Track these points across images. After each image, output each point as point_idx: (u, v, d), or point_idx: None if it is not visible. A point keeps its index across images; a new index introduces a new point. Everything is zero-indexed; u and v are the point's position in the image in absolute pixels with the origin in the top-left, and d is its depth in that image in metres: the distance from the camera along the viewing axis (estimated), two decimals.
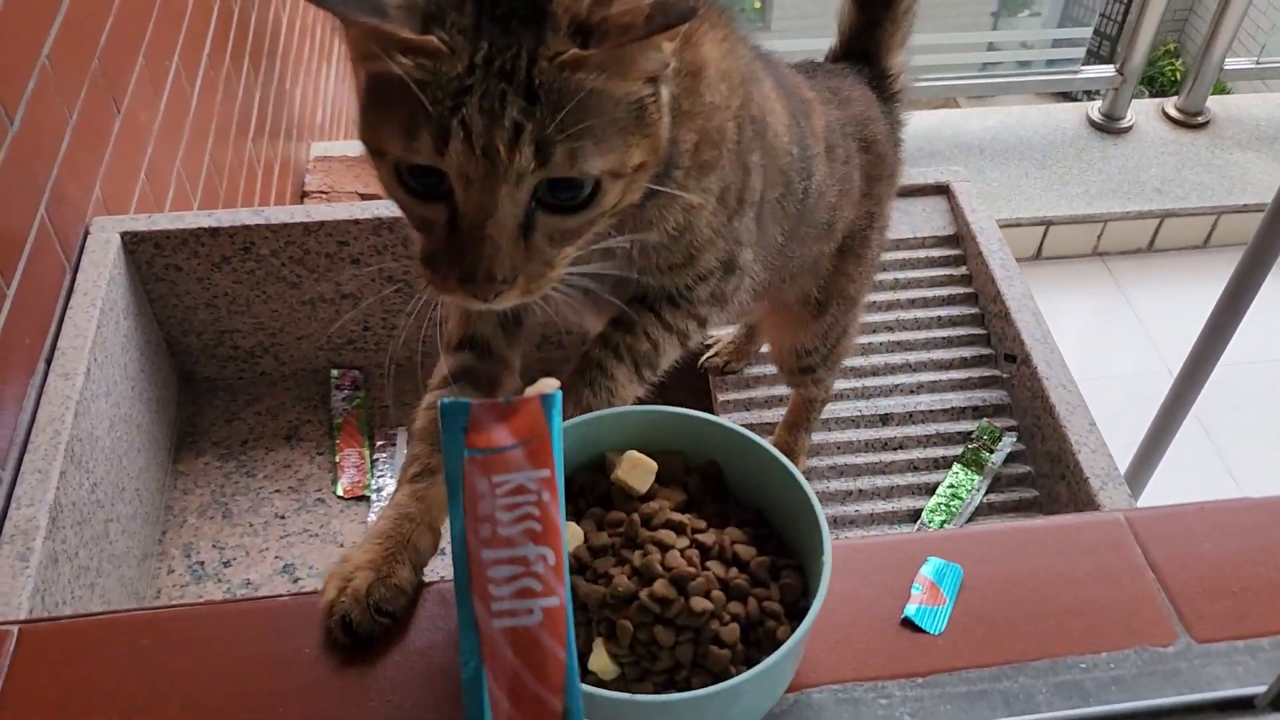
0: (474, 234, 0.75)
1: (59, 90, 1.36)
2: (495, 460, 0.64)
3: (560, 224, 0.78)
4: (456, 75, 0.73)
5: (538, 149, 0.73)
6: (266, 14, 2.41)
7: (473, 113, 0.73)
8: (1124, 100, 3.37)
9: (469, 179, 0.74)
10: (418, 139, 0.74)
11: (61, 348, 1.35)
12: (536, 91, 0.73)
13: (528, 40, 0.74)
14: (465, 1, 0.75)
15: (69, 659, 0.71)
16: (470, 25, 0.74)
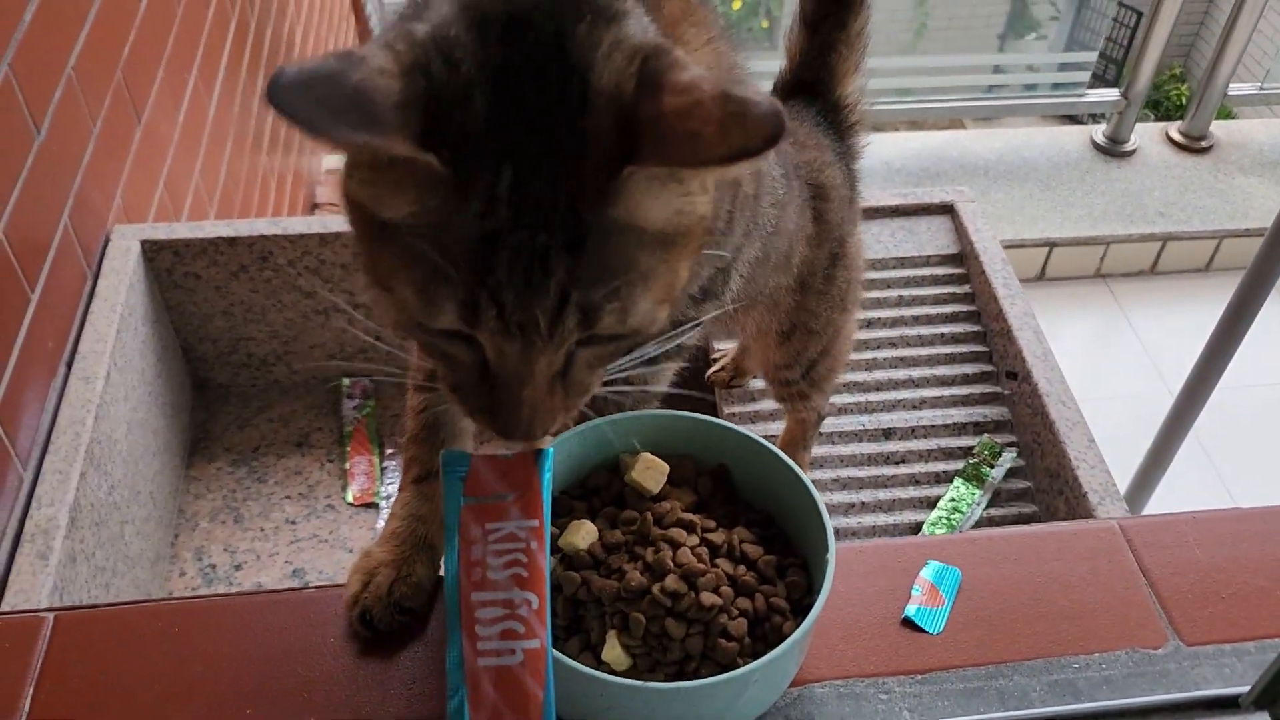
0: (510, 397, 0.64)
1: (84, 100, 1.39)
2: (489, 508, 0.67)
3: (600, 351, 0.67)
4: (473, 217, 0.58)
5: (584, 314, 0.61)
6: (281, 28, 2.45)
7: (504, 281, 0.59)
8: (1128, 124, 3.40)
9: (503, 351, 0.62)
10: (438, 305, 0.60)
11: (82, 352, 1.37)
12: (583, 237, 0.59)
13: (564, 157, 0.59)
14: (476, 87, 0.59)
15: (102, 645, 0.74)
16: (483, 129, 0.58)
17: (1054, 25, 6.69)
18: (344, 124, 0.54)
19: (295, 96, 0.54)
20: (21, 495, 1.23)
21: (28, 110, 1.24)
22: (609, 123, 0.59)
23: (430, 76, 0.58)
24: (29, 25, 1.24)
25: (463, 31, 0.60)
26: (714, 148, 0.57)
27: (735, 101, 0.56)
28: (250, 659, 0.74)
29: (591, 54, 0.60)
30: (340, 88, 0.55)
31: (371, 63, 0.57)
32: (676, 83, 0.59)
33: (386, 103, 0.56)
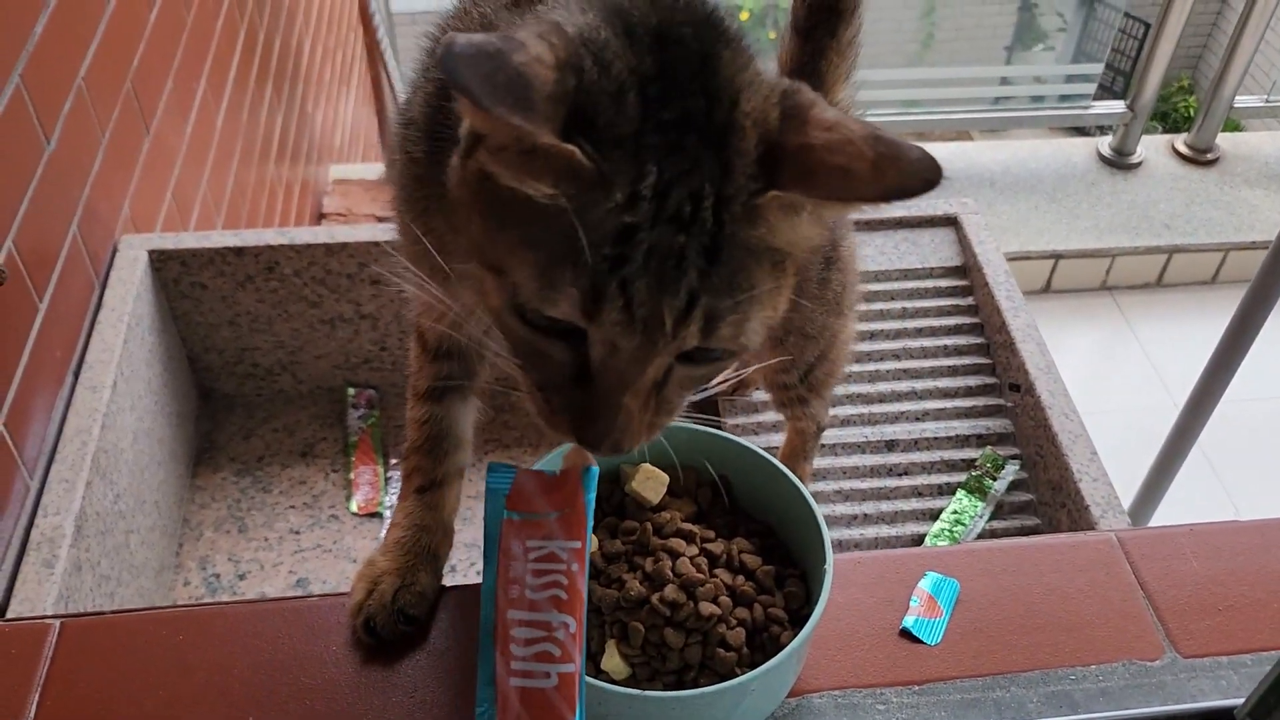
0: (608, 401, 0.62)
1: (94, 111, 1.40)
2: (532, 525, 0.67)
3: (694, 372, 0.66)
4: (614, 209, 0.58)
5: (706, 322, 0.60)
6: (290, 39, 2.46)
7: (637, 274, 0.58)
8: (1134, 136, 3.41)
9: (617, 347, 0.61)
10: (558, 290, 0.59)
11: (89, 361, 1.38)
12: (720, 248, 0.59)
13: (710, 169, 0.59)
14: (627, 91, 0.60)
15: (108, 652, 0.74)
16: (631, 131, 0.59)
17: (1061, 37, 6.69)
18: (504, 103, 0.55)
19: (464, 66, 0.54)
20: (28, 504, 1.23)
21: (38, 121, 1.25)
22: (753, 146, 0.60)
23: (582, 74, 0.59)
24: (40, 36, 1.25)
25: (612, 36, 0.61)
26: (867, 185, 0.58)
27: (886, 143, 0.58)
28: (254, 667, 0.74)
29: (738, 79, 0.62)
30: (504, 66, 0.56)
31: (531, 48, 0.57)
32: (822, 119, 0.60)
33: (542, 91, 0.57)
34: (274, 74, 2.30)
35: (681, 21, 0.63)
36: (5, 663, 0.74)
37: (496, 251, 0.62)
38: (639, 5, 0.63)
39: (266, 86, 2.24)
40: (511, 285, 0.61)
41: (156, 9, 1.63)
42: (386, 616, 0.78)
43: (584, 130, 0.58)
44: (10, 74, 1.19)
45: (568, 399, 0.64)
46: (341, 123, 3.00)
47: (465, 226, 0.64)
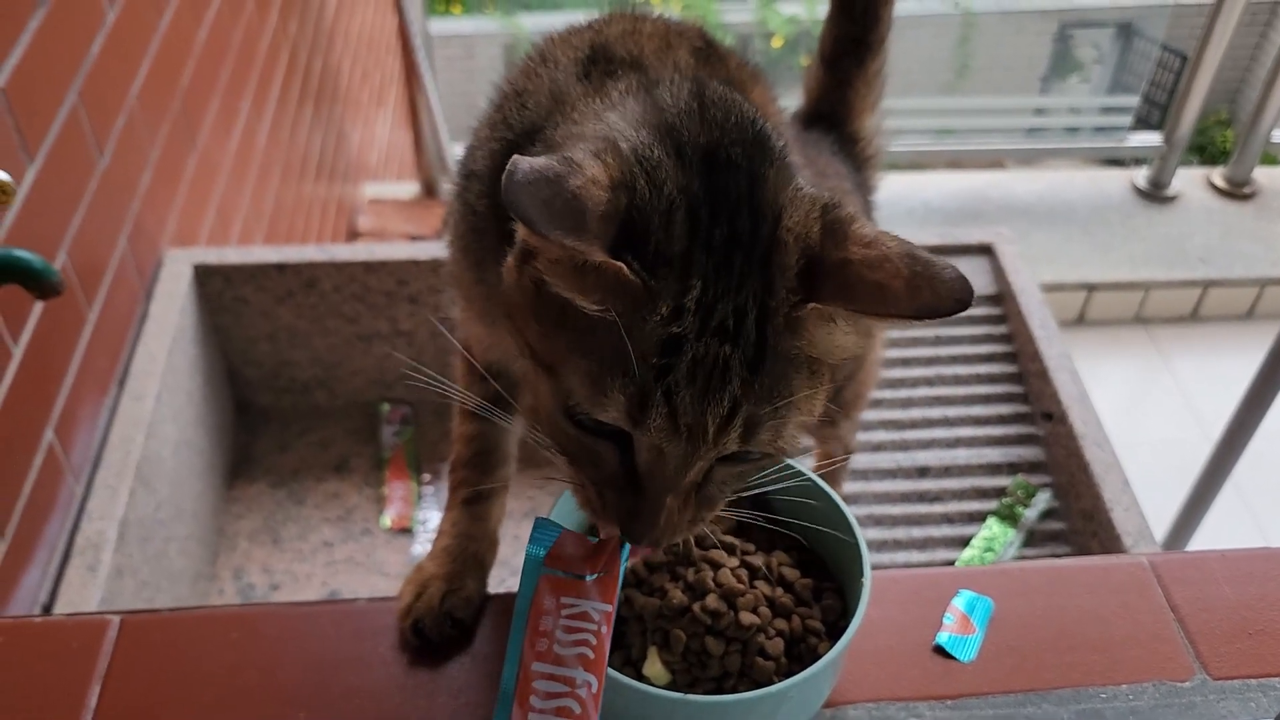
0: (653, 502, 0.65)
1: (144, 127, 1.44)
2: (569, 584, 0.69)
3: (734, 470, 0.68)
4: (660, 321, 0.61)
5: (746, 429, 0.63)
6: (330, 60, 2.50)
7: (682, 383, 0.61)
8: (1170, 168, 3.40)
9: (661, 452, 0.63)
10: (607, 396, 0.62)
11: (134, 372, 1.41)
12: (763, 358, 0.62)
13: (753, 284, 0.62)
14: (677, 210, 0.62)
15: (165, 648, 0.77)
16: (680, 249, 0.62)
17: (1097, 69, 6.70)
18: (559, 228, 0.58)
19: (524, 194, 0.57)
20: (73, 509, 1.26)
21: (93, 137, 1.29)
22: (795, 260, 0.63)
23: (634, 194, 0.62)
24: (96, 57, 1.29)
25: (664, 156, 0.64)
26: (901, 302, 0.60)
27: (921, 262, 0.61)
28: (303, 666, 0.76)
29: (780, 197, 0.65)
30: (560, 192, 0.59)
31: (586, 171, 0.60)
32: (861, 235, 0.63)
33: (595, 212, 0.60)
34: (315, 94, 2.35)
35: (731, 142, 0.65)
36: (68, 656, 0.76)
37: (551, 354, 0.65)
38: (690, 125, 0.66)
39: (307, 106, 2.28)
40: (565, 388, 0.64)
41: (206, 29, 1.67)
42: (434, 619, 0.80)
43: (634, 247, 0.61)
44: (68, 91, 1.23)
45: (614, 496, 0.66)
46: (377, 142, 3.04)
47: (522, 326, 0.67)
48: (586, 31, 0.80)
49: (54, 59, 1.20)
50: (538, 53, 0.81)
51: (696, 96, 0.68)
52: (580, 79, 0.74)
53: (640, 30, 0.79)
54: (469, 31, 6.00)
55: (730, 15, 6.11)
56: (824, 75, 1.23)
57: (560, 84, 0.75)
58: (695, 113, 0.66)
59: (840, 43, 1.19)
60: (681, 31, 0.81)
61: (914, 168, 3.77)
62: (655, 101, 0.68)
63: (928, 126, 3.88)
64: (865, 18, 1.17)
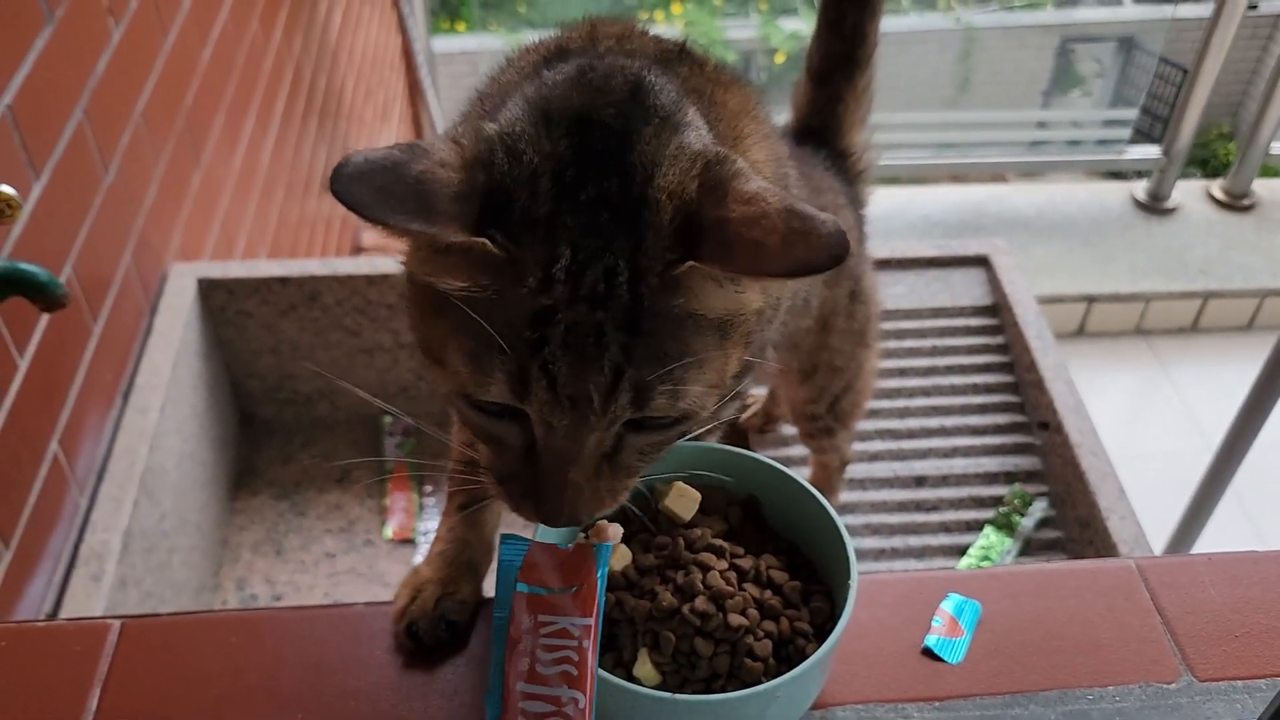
0: (553, 478, 0.64)
1: (150, 143, 1.46)
2: (544, 600, 0.68)
3: (649, 439, 0.67)
4: (528, 293, 0.60)
5: (636, 393, 0.61)
6: (334, 78, 2.53)
7: (558, 354, 0.60)
8: (1170, 181, 3.41)
9: (551, 425, 0.62)
10: (489, 375, 0.61)
11: (139, 384, 1.43)
12: (640, 319, 0.60)
13: (623, 244, 0.61)
14: (540, 177, 0.62)
15: (165, 652, 0.78)
16: (544, 215, 0.61)
17: (1099, 82, 6.71)
18: (400, 212, 0.57)
19: (355, 185, 0.57)
20: (77, 520, 1.27)
21: (98, 153, 1.31)
22: (670, 219, 0.61)
23: (491, 169, 0.61)
24: (102, 74, 1.31)
25: (529, 126, 0.63)
26: (776, 260, 0.59)
27: (799, 217, 0.59)
28: (301, 669, 0.78)
29: (657, 154, 0.63)
30: (401, 177, 0.58)
31: (434, 155, 0.60)
32: (742, 191, 0.61)
33: (445, 193, 0.59)
34: (319, 111, 2.37)
35: (605, 105, 0.65)
36: (69, 659, 0.78)
37: (435, 344, 0.64)
38: (560, 92, 0.65)
39: (311, 123, 2.30)
40: (453, 373, 0.63)
41: (211, 47, 1.69)
42: (429, 622, 0.82)
43: (499, 221, 0.60)
44: (74, 108, 1.25)
45: (524, 480, 0.66)
46: None
47: (413, 324, 0.67)
48: (554, 37, 0.80)
49: (60, 76, 1.22)
50: (506, 59, 0.81)
51: (578, 68, 0.67)
52: (529, 77, 0.73)
53: (604, 33, 0.78)
54: (473, 48, 6.02)
55: (733, 31, 6.14)
56: (813, 92, 1.24)
57: (512, 85, 0.74)
58: (571, 80, 0.66)
59: (829, 60, 1.20)
60: (656, 39, 0.80)
61: (916, 182, 3.78)
62: (539, 78, 0.67)
63: (929, 141, 3.89)
64: (854, 35, 1.18)
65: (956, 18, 6.12)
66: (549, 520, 0.66)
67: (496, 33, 6.26)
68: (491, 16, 6.49)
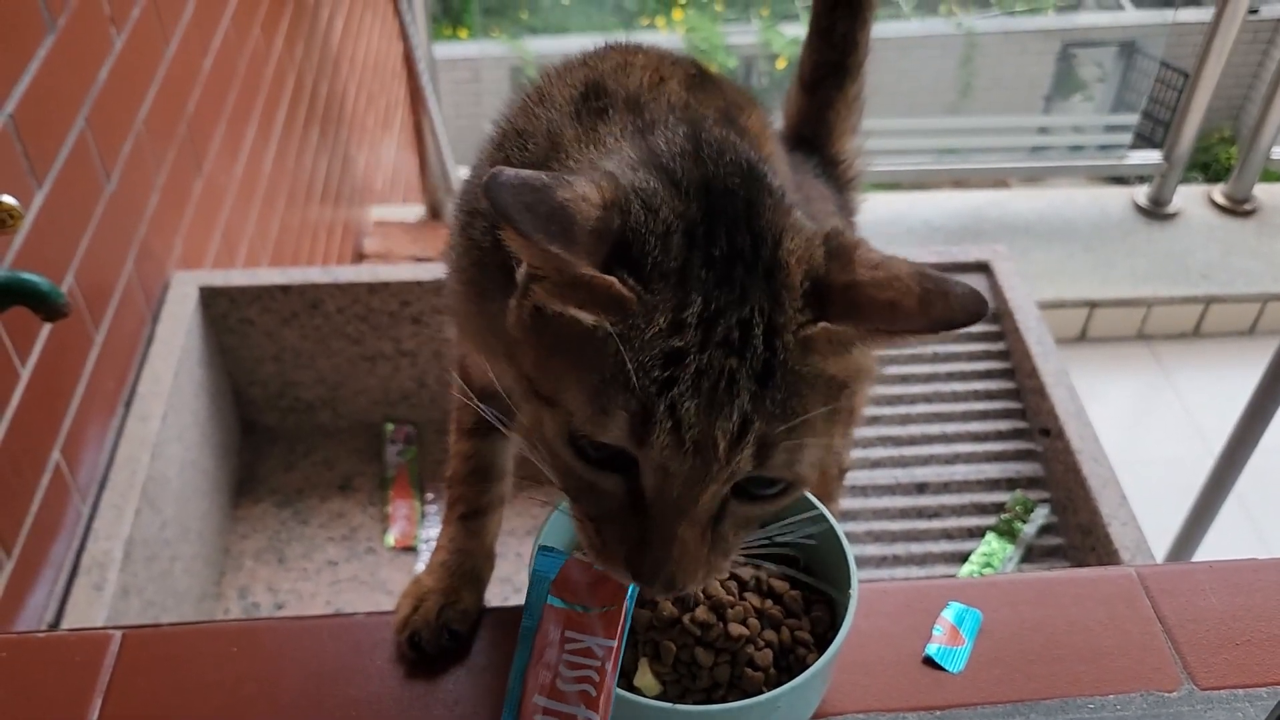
0: (663, 533, 0.61)
1: (151, 152, 1.46)
2: (574, 617, 0.68)
3: (751, 510, 0.66)
4: (659, 334, 0.59)
5: (759, 447, 0.60)
6: (336, 85, 2.53)
7: (687, 395, 0.59)
8: (1171, 186, 3.41)
9: (669, 472, 0.60)
10: (609, 414, 0.60)
11: (140, 393, 1.43)
12: (772, 373, 0.60)
13: (760, 298, 0.61)
14: (673, 233, 0.62)
15: (166, 661, 0.79)
16: (677, 267, 0.61)
17: (1100, 87, 6.72)
18: (543, 231, 0.57)
19: (510, 196, 0.57)
20: (79, 529, 1.28)
21: (100, 162, 1.31)
22: (799, 281, 0.62)
23: (627, 215, 0.61)
24: (104, 83, 1.31)
25: (660, 186, 0.64)
26: (915, 318, 0.60)
27: (933, 280, 0.60)
28: (302, 678, 0.78)
29: (780, 222, 0.64)
30: (547, 200, 0.58)
31: (577, 188, 0.60)
32: (868, 258, 0.62)
33: (585, 225, 0.59)
34: (320, 119, 2.37)
35: (727, 175, 0.66)
36: (70, 669, 0.78)
37: (550, 381, 0.63)
38: (685, 164, 0.66)
39: (313, 131, 2.30)
40: (565, 414, 0.62)
41: (212, 56, 1.69)
42: (431, 632, 0.82)
43: (628, 266, 0.60)
44: (76, 117, 1.25)
45: (620, 531, 0.63)
46: (383, 166, 3.07)
47: (521, 360, 0.65)
48: (581, 68, 0.80)
49: (62, 85, 1.22)
50: (535, 91, 0.81)
51: (692, 139, 0.68)
52: (574, 118, 0.74)
53: (633, 63, 0.79)
54: (474, 55, 6.03)
55: (734, 37, 6.15)
56: (804, 100, 1.24)
57: (556, 124, 0.75)
58: (690, 154, 0.67)
59: (819, 68, 1.20)
60: (675, 61, 0.81)
61: (917, 187, 3.79)
62: (650, 146, 0.68)
63: (931, 146, 3.90)
64: (844, 43, 1.17)
65: (958, 23, 6.13)
66: (648, 580, 0.63)
67: (498, 39, 6.27)
68: (493, 23, 6.50)
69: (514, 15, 6.62)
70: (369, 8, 2.91)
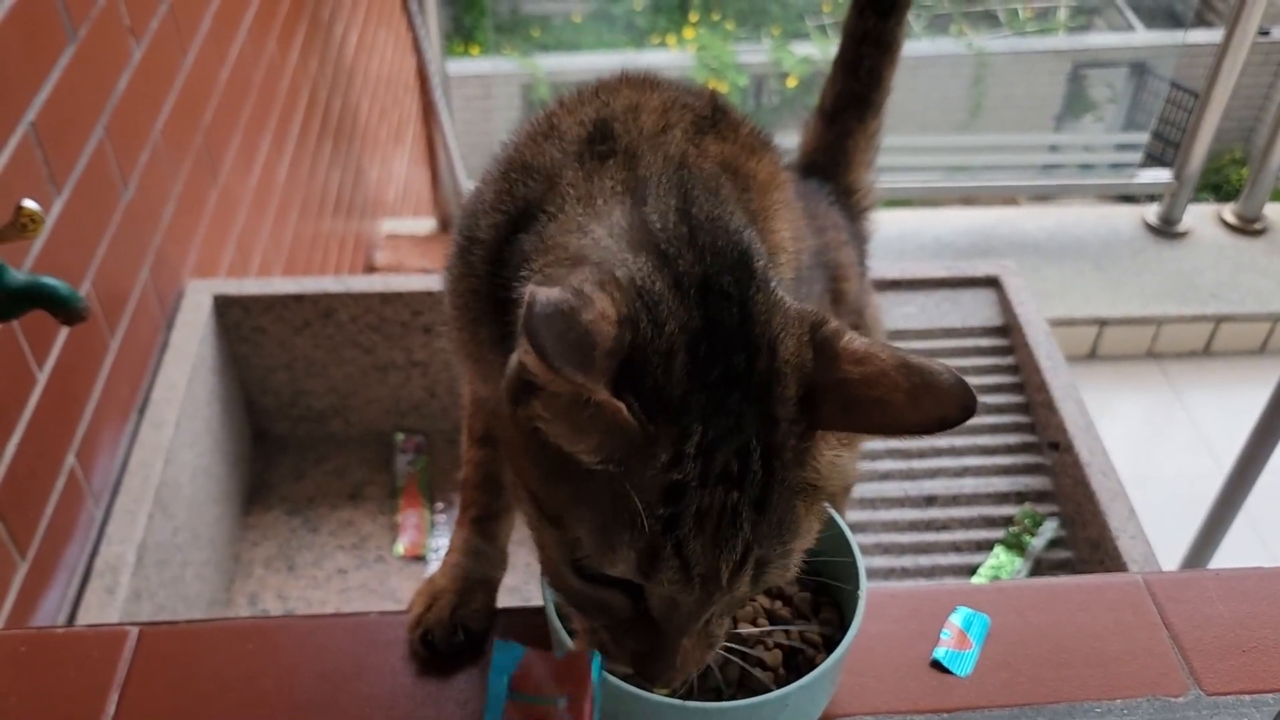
0: (669, 645, 0.64)
1: (168, 161, 1.48)
2: (536, 711, 0.67)
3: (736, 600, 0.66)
4: (660, 469, 0.59)
5: (757, 569, 0.62)
6: (350, 99, 2.55)
7: (692, 533, 0.59)
8: (1181, 205, 3.42)
9: (676, 602, 0.63)
10: (616, 551, 0.60)
11: (154, 399, 1.44)
12: (769, 497, 0.61)
13: (754, 422, 0.61)
14: (676, 350, 0.61)
15: (182, 658, 0.80)
16: (679, 395, 0.60)
17: (1111, 107, 6.73)
18: (570, 363, 0.56)
19: (545, 329, 0.55)
20: (93, 532, 1.28)
21: (118, 170, 1.32)
22: (794, 390, 0.62)
23: (637, 331, 0.60)
24: (123, 93, 1.33)
25: (665, 289, 0.62)
26: (905, 416, 0.59)
27: (918, 371, 0.59)
28: (316, 676, 0.79)
29: (773, 323, 0.63)
30: (574, 326, 0.57)
31: (597, 306, 0.59)
32: (852, 352, 0.62)
33: (602, 348, 0.58)
34: (334, 132, 2.39)
35: (721, 270, 0.64)
36: (88, 665, 0.79)
37: (554, 504, 0.63)
38: (684, 253, 0.64)
39: (326, 143, 2.32)
40: (571, 540, 0.62)
41: (229, 68, 1.71)
42: (444, 631, 0.83)
43: (632, 384, 0.59)
44: (95, 125, 1.26)
45: (628, 638, 0.66)
46: (395, 179, 3.09)
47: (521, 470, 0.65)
48: (594, 102, 0.79)
49: (82, 95, 1.24)
50: (546, 119, 0.80)
51: (685, 219, 0.66)
52: (577, 159, 0.73)
53: (645, 105, 0.77)
54: (486, 71, 6.07)
55: (745, 56, 6.17)
56: (823, 129, 1.24)
57: (558, 164, 0.74)
58: (686, 239, 0.65)
59: (842, 99, 1.21)
60: (687, 104, 0.79)
61: (928, 204, 3.79)
62: (644, 221, 0.66)
63: (942, 164, 3.90)
64: (869, 78, 1.18)
65: (969, 43, 6.15)
66: (652, 680, 0.66)
67: (510, 56, 6.31)
68: (505, 40, 6.54)
69: (526, 33, 6.66)
70: (383, 23, 2.93)
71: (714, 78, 5.70)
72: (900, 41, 1.18)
